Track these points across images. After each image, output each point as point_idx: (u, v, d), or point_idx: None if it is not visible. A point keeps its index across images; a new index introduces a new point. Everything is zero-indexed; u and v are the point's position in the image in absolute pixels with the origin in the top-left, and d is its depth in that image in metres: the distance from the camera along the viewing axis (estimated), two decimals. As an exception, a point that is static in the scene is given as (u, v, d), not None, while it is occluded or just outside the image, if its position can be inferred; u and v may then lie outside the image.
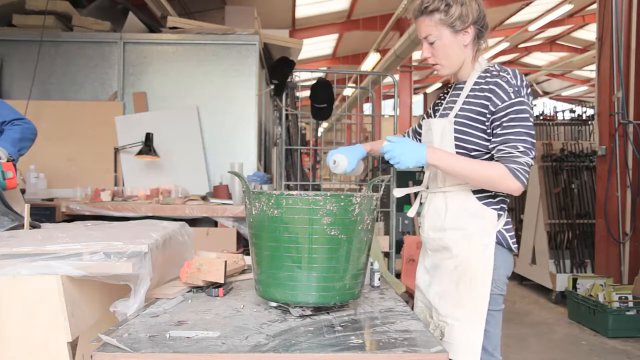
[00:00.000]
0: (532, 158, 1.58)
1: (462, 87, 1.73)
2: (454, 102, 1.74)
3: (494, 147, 1.62)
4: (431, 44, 1.67)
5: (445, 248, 1.73)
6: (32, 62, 4.11)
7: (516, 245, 1.75)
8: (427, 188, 1.84)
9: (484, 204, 1.69)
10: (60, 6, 4.28)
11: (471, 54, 1.70)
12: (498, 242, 1.69)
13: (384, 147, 1.60)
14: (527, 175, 1.58)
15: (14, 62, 4.29)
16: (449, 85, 1.87)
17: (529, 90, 1.64)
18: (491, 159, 1.66)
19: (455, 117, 1.69)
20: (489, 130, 1.64)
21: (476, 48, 1.70)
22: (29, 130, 2.63)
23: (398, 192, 1.89)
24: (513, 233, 1.73)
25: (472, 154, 1.67)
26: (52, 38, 4.24)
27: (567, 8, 9.74)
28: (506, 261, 1.72)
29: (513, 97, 1.59)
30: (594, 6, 6.11)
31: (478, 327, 1.65)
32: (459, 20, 1.62)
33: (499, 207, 1.71)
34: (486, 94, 1.64)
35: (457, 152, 1.67)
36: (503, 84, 1.61)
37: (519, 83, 1.61)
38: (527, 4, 11.15)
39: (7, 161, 2.31)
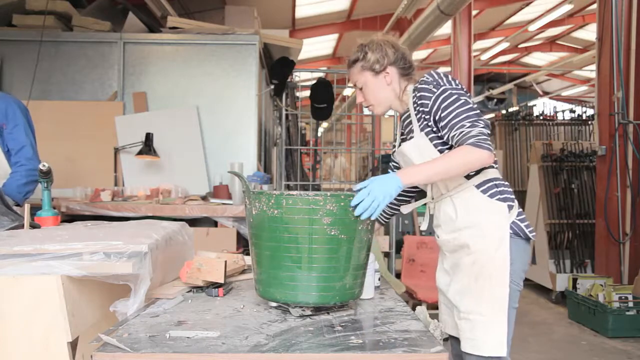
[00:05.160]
0: (483, 126, 1.63)
1: (409, 114, 1.85)
2: (410, 123, 1.83)
3: (448, 138, 1.69)
4: (360, 89, 1.86)
5: (462, 246, 1.74)
6: (32, 62, 4.10)
7: (534, 233, 1.77)
8: (433, 199, 1.86)
9: (488, 196, 1.71)
10: (60, 6, 4.28)
11: (399, 89, 1.84)
12: (515, 234, 1.71)
13: (355, 200, 1.45)
14: (488, 141, 1.61)
15: (14, 62, 4.29)
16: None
17: (451, 77, 1.74)
18: None
19: (420, 131, 1.77)
20: (435, 129, 1.73)
21: (405, 84, 1.84)
22: (32, 173, 2.63)
23: (405, 209, 1.96)
24: (528, 222, 1.76)
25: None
26: (52, 38, 4.23)
27: (567, 8, 9.74)
28: (523, 254, 1.74)
29: (435, 90, 1.70)
30: (594, 6, 6.11)
31: (501, 319, 1.67)
32: (377, 63, 1.80)
33: (503, 197, 1.72)
34: (420, 101, 1.75)
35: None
36: (422, 86, 1.74)
37: (435, 77, 1.73)
38: (527, 4, 11.15)
39: (15, 205, 2.44)
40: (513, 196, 1.75)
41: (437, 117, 1.69)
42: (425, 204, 1.90)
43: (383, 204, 1.48)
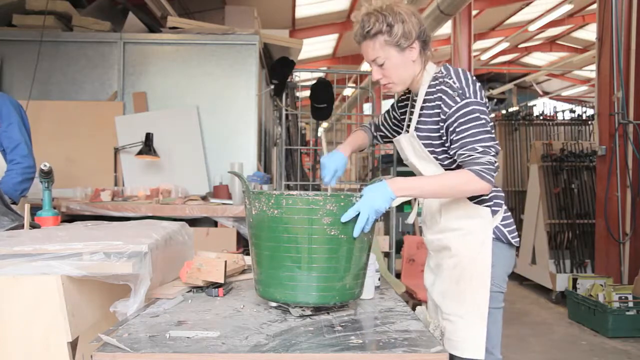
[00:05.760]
0: (493, 155, 1.57)
1: (417, 100, 1.74)
2: (412, 114, 1.76)
3: (454, 153, 1.62)
4: (380, 65, 1.67)
5: (445, 248, 1.75)
6: (32, 62, 4.10)
7: (517, 239, 1.75)
8: None
9: (476, 202, 1.70)
10: (60, 6, 4.28)
11: (420, 66, 1.70)
12: (496, 238, 1.70)
13: (346, 216, 1.42)
14: (492, 173, 1.57)
15: (14, 62, 4.29)
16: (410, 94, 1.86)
17: (478, 86, 1.63)
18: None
19: (415, 130, 1.71)
20: (444, 138, 1.65)
21: (423, 59, 1.70)
22: (28, 170, 2.66)
23: (395, 202, 1.89)
24: (513, 227, 1.74)
25: (445, 162, 1.69)
26: (52, 38, 4.23)
27: (567, 8, 9.75)
28: (505, 258, 1.73)
29: (459, 100, 1.59)
30: (594, 6, 6.11)
31: (480, 323, 1.67)
32: (403, 38, 1.62)
33: (492, 202, 1.72)
34: (437, 102, 1.65)
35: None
36: (447, 89, 1.62)
37: (462, 84, 1.61)
38: (527, 4, 11.15)
39: (12, 203, 2.39)
40: (502, 201, 1.74)
41: (451, 129, 1.61)
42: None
43: (377, 216, 1.47)
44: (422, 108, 1.70)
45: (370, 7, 1.64)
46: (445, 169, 1.70)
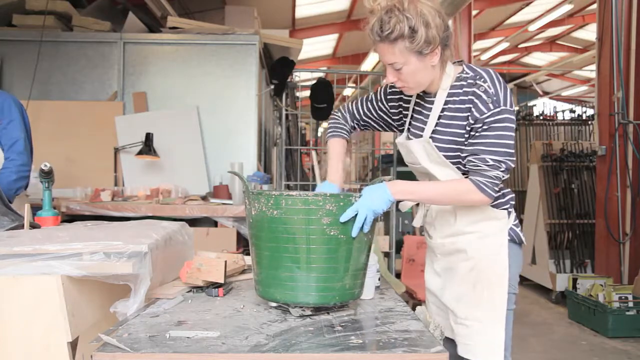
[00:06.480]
0: (503, 170, 1.54)
1: (432, 101, 1.66)
2: (426, 116, 1.68)
3: (465, 157, 1.59)
4: (397, 69, 1.56)
5: (459, 251, 1.72)
6: (32, 62, 4.10)
7: (524, 238, 1.76)
8: None
9: (493, 205, 1.68)
10: (60, 6, 4.28)
11: (439, 69, 1.60)
12: (511, 240, 1.69)
13: (345, 216, 1.41)
14: (495, 188, 1.56)
15: (14, 62, 4.29)
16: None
17: (508, 91, 1.58)
18: None
19: (433, 133, 1.65)
20: (463, 134, 1.61)
21: (443, 60, 1.59)
22: (23, 168, 2.62)
23: (404, 207, 1.85)
24: (521, 226, 1.74)
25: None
26: (52, 38, 4.24)
27: (567, 8, 9.75)
28: (517, 258, 1.73)
29: (492, 107, 1.54)
30: (594, 6, 6.11)
31: (499, 326, 1.65)
32: (426, 44, 1.49)
33: (508, 205, 1.71)
34: (467, 105, 1.58)
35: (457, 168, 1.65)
36: (481, 94, 1.55)
37: (497, 89, 1.56)
38: (527, 4, 11.15)
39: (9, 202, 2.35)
40: (513, 202, 1.73)
41: (472, 132, 1.57)
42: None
43: (375, 216, 1.47)
44: (442, 110, 1.64)
45: (391, 2, 1.49)
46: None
